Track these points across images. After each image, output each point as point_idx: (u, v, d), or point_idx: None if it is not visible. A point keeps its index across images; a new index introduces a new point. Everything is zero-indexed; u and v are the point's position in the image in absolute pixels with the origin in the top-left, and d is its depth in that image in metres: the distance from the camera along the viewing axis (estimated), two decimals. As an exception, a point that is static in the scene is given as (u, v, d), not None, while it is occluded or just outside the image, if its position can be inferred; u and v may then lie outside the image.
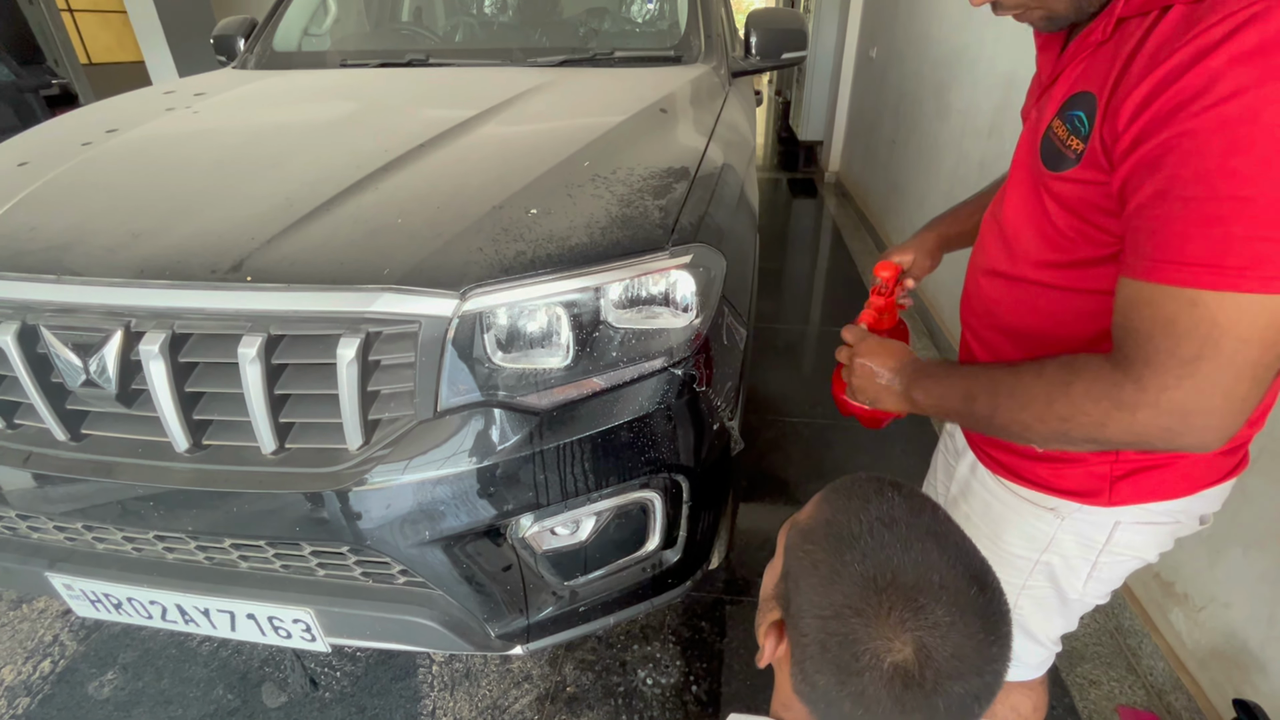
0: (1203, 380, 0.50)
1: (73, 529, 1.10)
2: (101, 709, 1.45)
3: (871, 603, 0.46)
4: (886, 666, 0.44)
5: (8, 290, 0.92)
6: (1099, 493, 0.72)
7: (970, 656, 0.45)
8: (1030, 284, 0.69)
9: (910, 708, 0.44)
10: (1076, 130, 0.59)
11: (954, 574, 0.46)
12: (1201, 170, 0.48)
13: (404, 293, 0.87)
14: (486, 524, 0.98)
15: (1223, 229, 0.47)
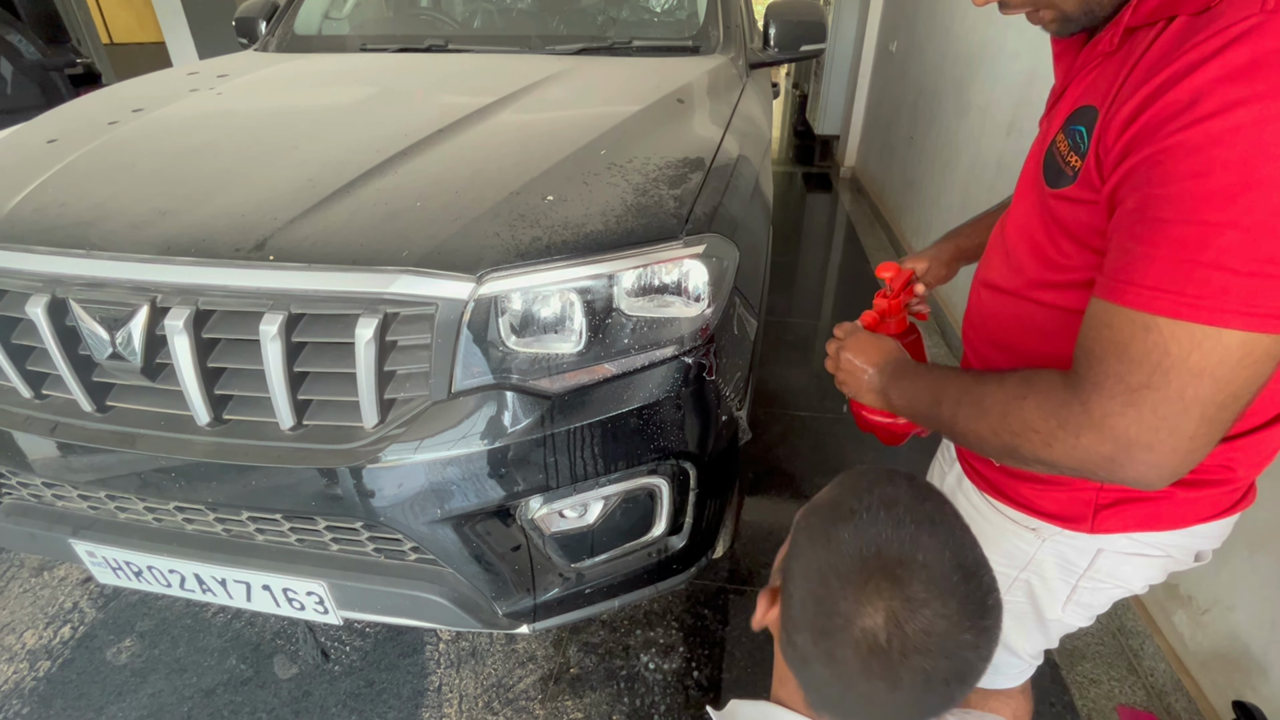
0: (1147, 411, 0.48)
1: (96, 498, 1.13)
2: (119, 674, 1.49)
3: (854, 570, 0.48)
4: (855, 630, 0.46)
5: (38, 264, 0.94)
6: (1081, 519, 0.70)
7: (939, 636, 0.46)
8: (1025, 300, 0.66)
9: (874, 674, 0.46)
10: (1076, 146, 0.56)
11: (940, 558, 0.47)
12: (1175, 191, 0.45)
13: (422, 275, 0.89)
14: (496, 504, 1.00)
15: (1189, 254, 0.45)
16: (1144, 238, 0.47)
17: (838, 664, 0.48)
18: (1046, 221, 0.62)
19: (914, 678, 0.46)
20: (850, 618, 0.47)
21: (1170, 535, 0.69)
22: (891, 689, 0.47)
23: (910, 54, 4.01)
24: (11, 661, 1.52)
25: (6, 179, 1.11)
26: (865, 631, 0.46)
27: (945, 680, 0.47)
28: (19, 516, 1.18)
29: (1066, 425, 0.52)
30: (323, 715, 1.41)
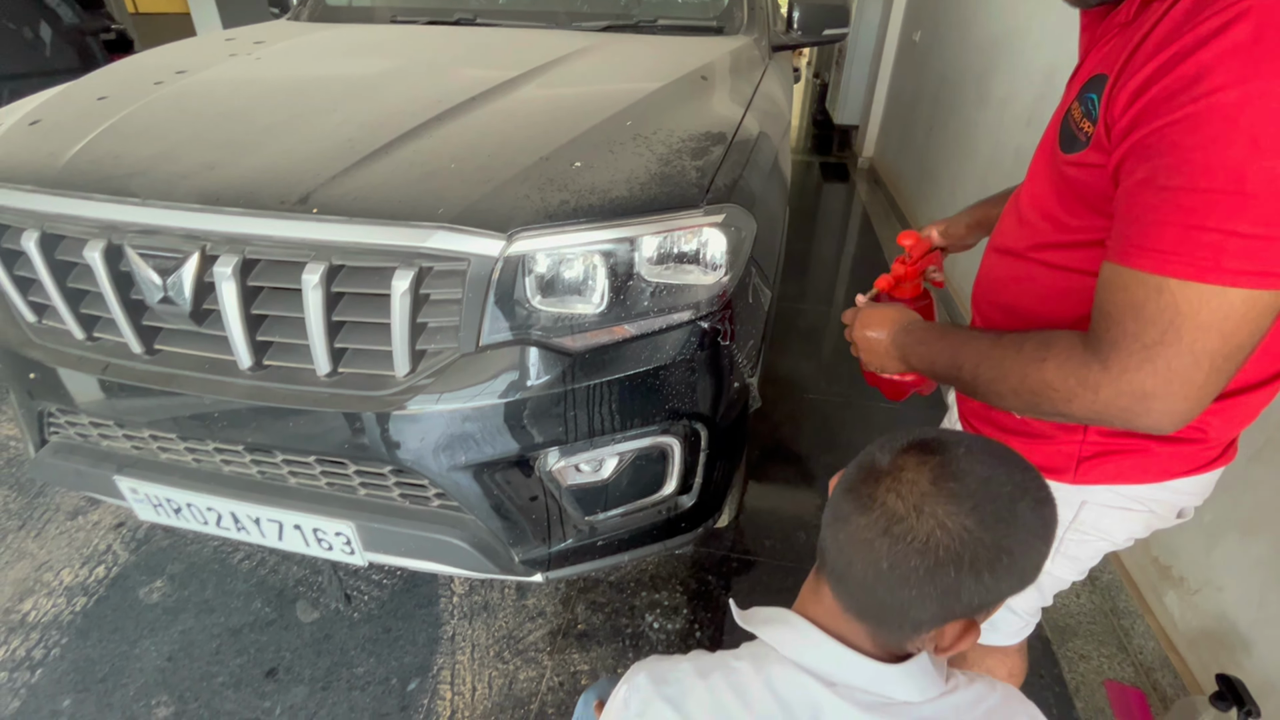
0: (1161, 365, 0.52)
1: (140, 438, 1.20)
2: (151, 612, 1.57)
3: (897, 460, 0.51)
4: (880, 500, 0.49)
5: (96, 211, 1.00)
6: (1064, 470, 0.74)
7: (960, 528, 0.47)
8: (1033, 262, 0.70)
9: (898, 537, 0.48)
10: (1088, 113, 0.59)
11: (990, 472, 0.49)
12: (1182, 161, 0.49)
13: (456, 231, 0.94)
14: (517, 455, 1.06)
15: (1196, 220, 0.49)
16: (1155, 205, 0.51)
17: (862, 537, 0.49)
18: (1059, 186, 0.65)
19: (936, 544, 0.47)
20: (878, 498, 0.49)
21: (1150, 489, 0.73)
22: (912, 553, 0.47)
23: (933, 44, 3.99)
24: (50, 596, 1.61)
25: (62, 132, 1.16)
26: (890, 510, 0.49)
27: (956, 560, 0.47)
28: (66, 454, 1.25)
29: (1086, 383, 0.56)
30: (342, 656, 1.48)
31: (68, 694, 1.40)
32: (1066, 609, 1.65)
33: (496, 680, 1.45)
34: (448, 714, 1.38)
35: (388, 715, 1.38)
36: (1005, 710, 0.56)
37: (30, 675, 1.43)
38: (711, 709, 0.53)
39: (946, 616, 0.51)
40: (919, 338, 0.75)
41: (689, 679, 0.56)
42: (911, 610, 0.50)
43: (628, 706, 0.56)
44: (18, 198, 1.04)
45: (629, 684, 0.58)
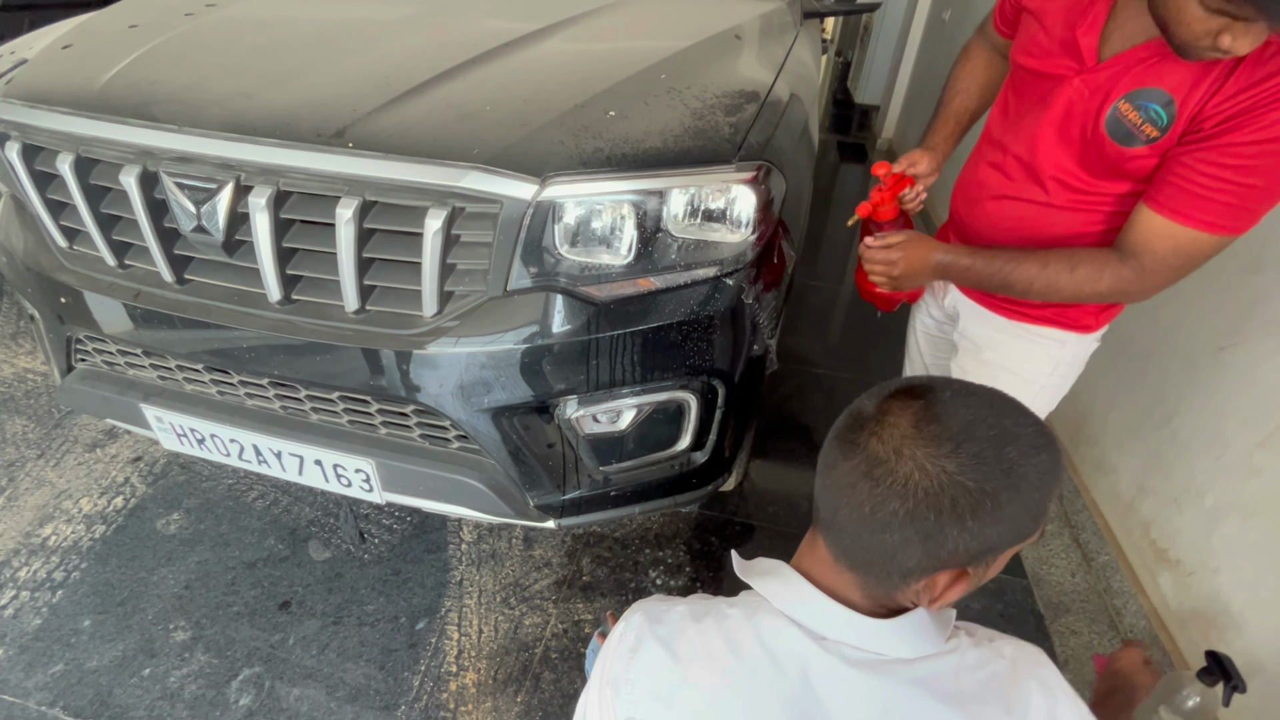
0: (1171, 277, 0.85)
1: (166, 368, 1.22)
2: (168, 543, 1.61)
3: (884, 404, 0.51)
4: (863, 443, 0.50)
5: (133, 135, 1.00)
6: (1091, 325, 1.04)
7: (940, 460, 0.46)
8: (1053, 208, 0.95)
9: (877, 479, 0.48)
10: (1153, 120, 0.80)
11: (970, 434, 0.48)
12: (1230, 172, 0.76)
13: (491, 173, 0.94)
14: (538, 400, 1.08)
15: (1223, 201, 0.77)
16: (1199, 185, 0.78)
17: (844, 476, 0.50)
18: (1089, 161, 0.89)
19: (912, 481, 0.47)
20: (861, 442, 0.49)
21: (1116, 321, 1.06)
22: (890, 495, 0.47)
23: (963, 24, 3.92)
24: (70, 523, 1.65)
25: (96, 57, 1.16)
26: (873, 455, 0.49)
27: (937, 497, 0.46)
28: (93, 381, 1.27)
29: (1127, 288, 0.87)
30: (353, 594, 1.52)
31: (88, 615, 1.44)
32: (1061, 587, 1.69)
33: (502, 624, 1.49)
34: (454, 653, 1.43)
35: (396, 651, 1.42)
36: (1012, 678, 0.52)
37: (51, 595, 1.48)
38: (701, 652, 0.54)
39: (935, 565, 0.49)
40: (966, 264, 0.97)
41: (682, 621, 0.56)
42: (897, 557, 0.49)
43: (623, 642, 0.57)
44: (54, 119, 1.04)
45: (626, 621, 0.59)
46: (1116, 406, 1.77)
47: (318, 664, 1.38)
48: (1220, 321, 1.44)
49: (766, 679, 0.51)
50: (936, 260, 0.98)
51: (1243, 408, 1.35)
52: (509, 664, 1.42)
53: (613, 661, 0.57)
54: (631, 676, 0.55)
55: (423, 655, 1.42)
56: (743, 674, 0.52)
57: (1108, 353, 1.82)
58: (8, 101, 1.09)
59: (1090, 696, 1.02)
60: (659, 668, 0.54)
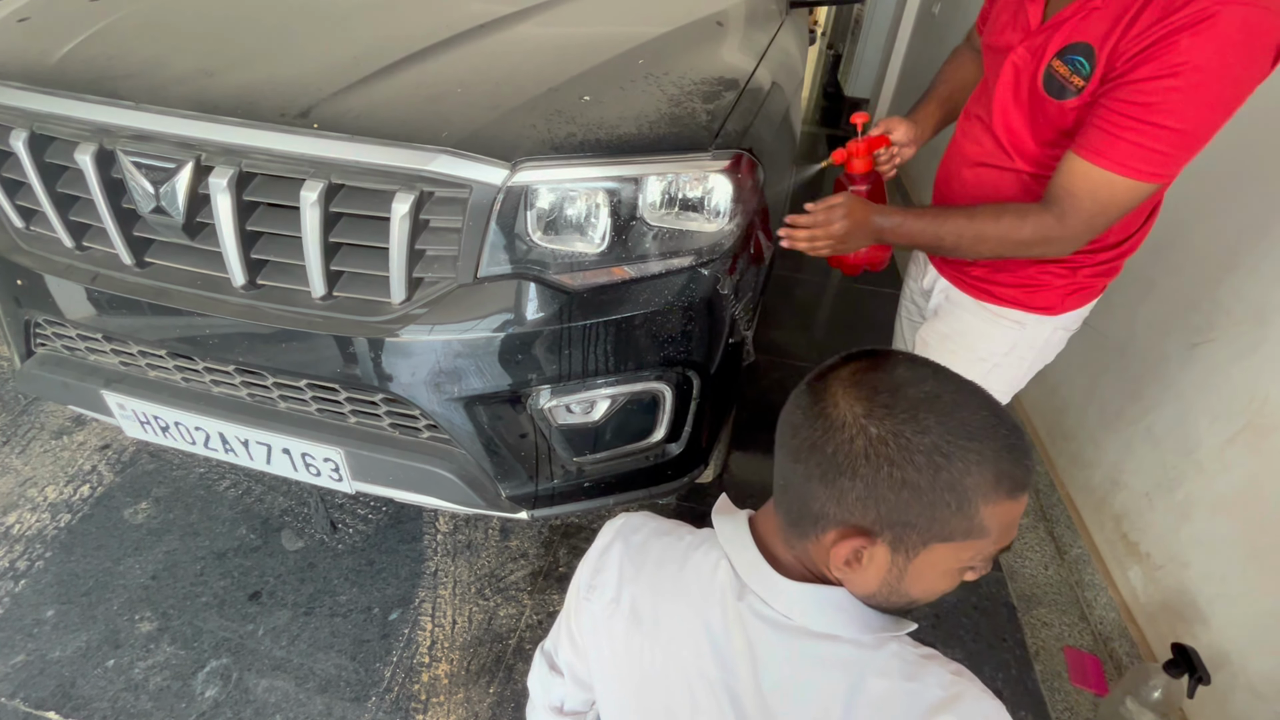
0: (1092, 225, 0.86)
1: (128, 353, 1.19)
2: (135, 532, 1.58)
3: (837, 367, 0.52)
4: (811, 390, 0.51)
5: (88, 112, 0.97)
6: (1055, 307, 1.03)
7: (845, 416, 0.47)
8: (1020, 173, 0.98)
9: (814, 415, 0.49)
10: (1078, 70, 0.83)
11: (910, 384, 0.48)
12: (1139, 110, 0.76)
13: (460, 156, 0.92)
14: (509, 390, 1.06)
15: (1132, 140, 0.78)
16: (1115, 125, 0.79)
17: (786, 423, 0.52)
18: (1037, 121, 0.92)
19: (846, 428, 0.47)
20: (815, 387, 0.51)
21: (1085, 309, 1.07)
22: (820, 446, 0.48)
23: (954, 17, 3.91)
24: (35, 511, 1.61)
25: (53, 30, 1.12)
26: (816, 391, 0.51)
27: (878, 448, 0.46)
28: (54, 366, 1.24)
29: (1049, 235, 0.88)
30: (326, 584, 1.50)
31: (51, 605, 1.41)
32: (1034, 579, 1.70)
33: (477, 615, 1.48)
34: (428, 644, 1.41)
35: (369, 642, 1.40)
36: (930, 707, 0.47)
37: (14, 585, 1.44)
38: (656, 560, 0.61)
39: (838, 517, 0.48)
40: (897, 221, 0.98)
41: (650, 535, 0.64)
42: (804, 496, 0.49)
43: (600, 541, 0.66)
44: (6, 94, 1.01)
45: (608, 525, 0.67)
46: (1094, 401, 1.78)
47: (288, 655, 1.37)
48: (1195, 318, 1.45)
49: (699, 596, 0.57)
50: (874, 220, 0.99)
51: (1214, 404, 1.36)
52: (482, 655, 1.41)
53: (586, 564, 0.65)
54: (601, 565, 0.64)
55: (395, 646, 1.40)
56: (683, 585, 0.58)
57: (1085, 348, 1.83)
58: (-41, 75, 1.05)
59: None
60: (622, 560, 0.63)
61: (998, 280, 1.05)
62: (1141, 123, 0.77)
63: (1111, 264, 1.02)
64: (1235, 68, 0.72)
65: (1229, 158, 1.34)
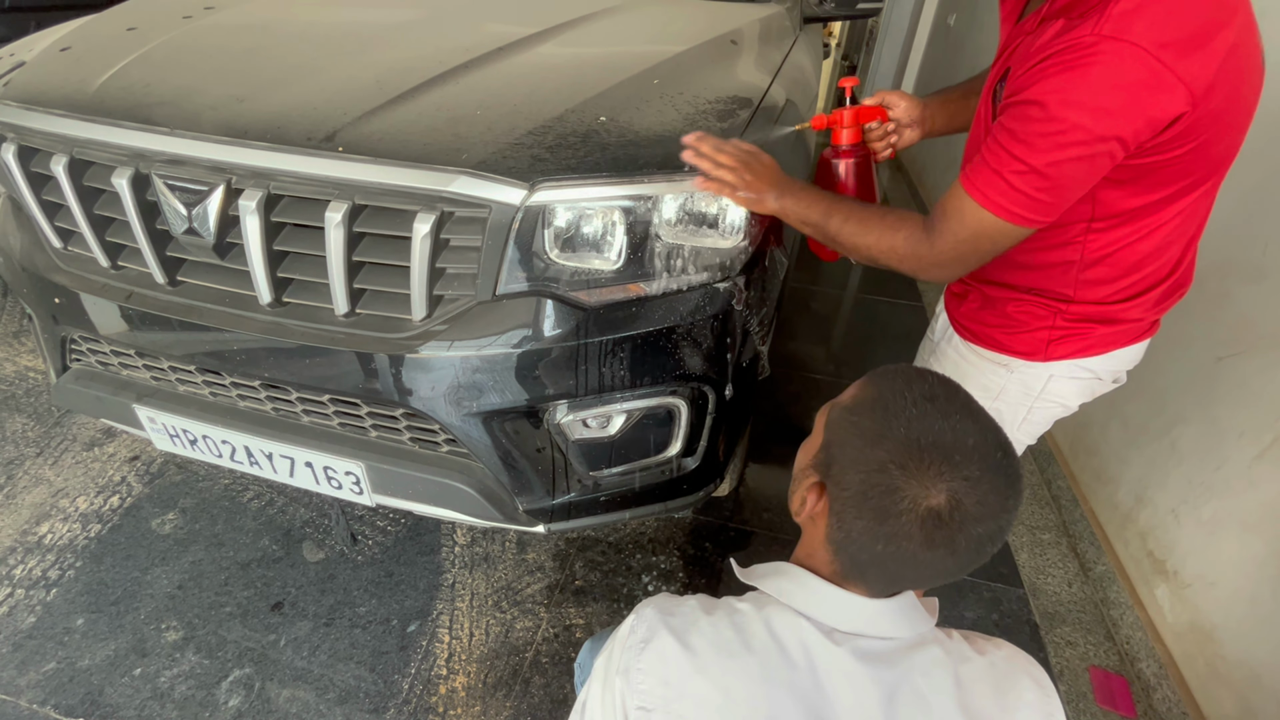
0: (954, 249, 0.81)
1: (159, 369, 1.23)
2: (163, 542, 1.62)
3: (914, 458, 0.53)
4: (922, 510, 0.52)
5: (125, 138, 1.01)
6: (1038, 353, 0.96)
7: (992, 505, 0.53)
8: None
9: (937, 543, 0.53)
10: (997, 96, 0.83)
11: (984, 440, 0.54)
12: (1004, 137, 0.74)
13: (479, 177, 0.94)
14: (527, 405, 1.07)
15: (999, 170, 0.74)
16: (989, 153, 0.76)
17: (900, 540, 0.53)
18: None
19: (969, 542, 0.53)
20: (916, 499, 0.52)
21: (1096, 360, 0.95)
22: (950, 554, 0.53)
23: (969, 29, 3.90)
24: (66, 521, 1.65)
25: (92, 59, 1.17)
26: (931, 510, 0.52)
27: (991, 539, 0.54)
28: (87, 381, 1.28)
29: (918, 251, 0.85)
30: (345, 596, 1.52)
31: (81, 613, 1.45)
32: (1057, 597, 1.67)
33: (494, 628, 1.49)
34: (445, 656, 1.42)
35: (387, 654, 1.42)
36: (1007, 669, 0.57)
37: (46, 594, 1.48)
38: (712, 641, 0.56)
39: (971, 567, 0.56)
40: (800, 187, 0.95)
41: (694, 613, 0.58)
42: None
43: (634, 634, 0.59)
44: (48, 121, 1.05)
45: (637, 615, 0.60)
46: (1116, 416, 1.76)
47: (308, 665, 1.39)
48: (1220, 331, 1.43)
49: (776, 668, 0.54)
50: (780, 177, 0.95)
51: (1241, 420, 1.34)
52: (499, 668, 1.41)
53: (623, 653, 0.58)
54: (643, 666, 0.56)
55: (413, 658, 1.41)
56: (753, 664, 0.55)
57: (1107, 361, 1.81)
58: (4, 104, 1.10)
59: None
60: (671, 657, 0.56)
61: (981, 319, 1.00)
62: (1005, 152, 0.73)
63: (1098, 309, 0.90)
64: (1105, 111, 0.67)
65: (1255, 168, 1.33)
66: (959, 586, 1.67)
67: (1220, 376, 1.41)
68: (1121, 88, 0.66)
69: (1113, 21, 0.65)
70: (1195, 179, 0.77)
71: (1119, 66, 0.65)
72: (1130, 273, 0.87)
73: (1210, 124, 0.70)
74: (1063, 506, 1.92)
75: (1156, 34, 0.64)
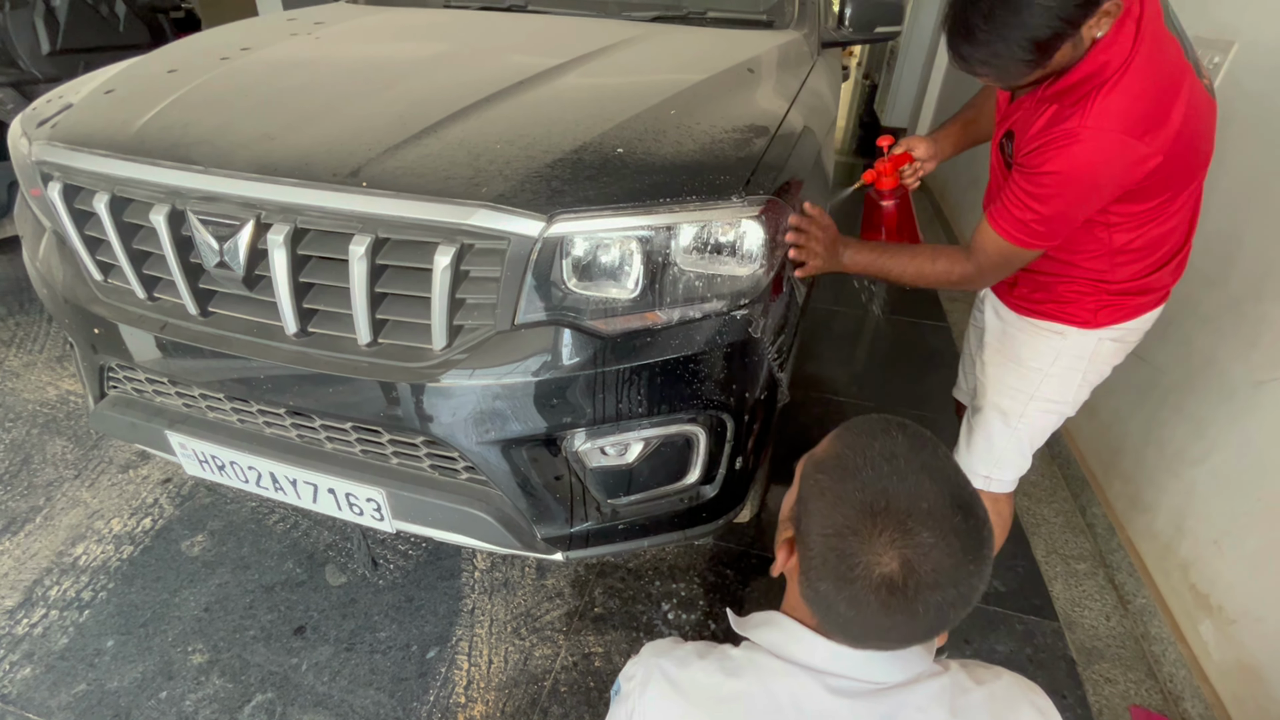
0: (996, 272, 1.09)
1: (190, 396, 1.26)
2: (191, 565, 1.65)
3: (866, 524, 0.52)
4: (876, 577, 0.52)
5: (163, 176, 1.05)
6: (1088, 321, 1.14)
7: (949, 572, 0.51)
8: None
9: (894, 609, 0.52)
10: (1005, 150, 1.09)
11: (942, 502, 0.52)
12: (1020, 194, 0.98)
13: (498, 210, 0.96)
14: (545, 433, 1.08)
15: (1015, 214, 1.00)
16: (1007, 199, 1.01)
17: (860, 605, 0.53)
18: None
19: (928, 609, 0.52)
20: (870, 566, 0.52)
21: (1131, 323, 1.14)
22: (909, 620, 0.52)
23: (990, 47, 3.88)
24: (100, 543, 1.70)
25: (135, 101, 1.23)
26: (884, 577, 0.51)
27: (952, 605, 0.52)
28: (123, 407, 1.32)
29: (966, 271, 1.10)
30: (366, 621, 1.53)
31: (111, 635, 1.48)
32: (1095, 631, 1.61)
33: (512, 655, 1.48)
34: (464, 684, 1.42)
35: (406, 680, 1.42)
36: (1006, 700, 0.57)
37: (79, 615, 1.52)
38: (705, 686, 0.58)
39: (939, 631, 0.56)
40: (855, 248, 1.19)
41: (688, 657, 0.61)
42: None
43: (631, 679, 0.62)
44: (92, 161, 1.10)
45: (636, 658, 0.64)
46: (1152, 441, 1.70)
47: (329, 690, 1.39)
48: (1258, 354, 1.38)
49: (764, 713, 0.56)
50: (838, 245, 1.18)
51: (1285, 447, 1.28)
52: (517, 696, 1.40)
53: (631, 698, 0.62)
54: (643, 709, 0.59)
55: (432, 685, 1.41)
56: (739, 710, 0.56)
57: (1140, 383, 1.75)
58: (52, 145, 1.15)
59: None
60: (664, 700, 0.59)
61: (1036, 299, 1.18)
62: (1021, 204, 0.98)
63: (1134, 284, 1.10)
64: (1092, 178, 0.92)
65: (1288, 189, 1.29)
66: (989, 618, 1.61)
67: (1261, 401, 1.36)
68: (1107, 162, 0.91)
69: (1094, 116, 0.89)
70: (1184, 183, 0.99)
71: (1104, 147, 0.90)
72: (1153, 251, 1.07)
73: (1181, 157, 0.93)
74: (1099, 535, 1.86)
75: (1130, 121, 0.88)
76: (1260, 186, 1.44)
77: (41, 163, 1.17)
